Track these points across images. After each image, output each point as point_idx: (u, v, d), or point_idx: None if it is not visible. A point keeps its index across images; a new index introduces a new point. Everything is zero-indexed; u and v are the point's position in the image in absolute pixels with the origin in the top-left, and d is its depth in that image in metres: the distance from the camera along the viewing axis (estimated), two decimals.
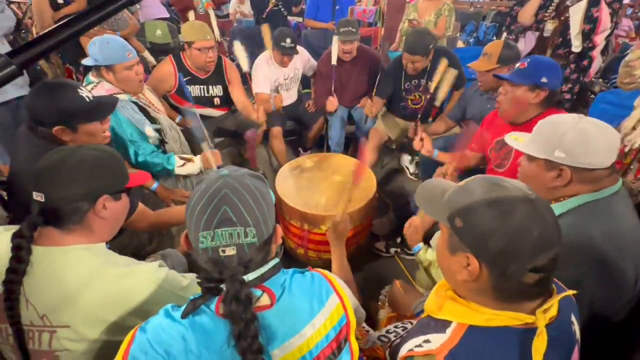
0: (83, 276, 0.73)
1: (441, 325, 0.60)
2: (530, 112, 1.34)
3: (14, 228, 0.77)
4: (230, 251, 0.60)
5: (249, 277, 0.62)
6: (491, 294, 0.57)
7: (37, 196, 0.74)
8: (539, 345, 0.52)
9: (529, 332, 0.54)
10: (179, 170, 1.65)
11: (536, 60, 1.34)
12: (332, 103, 2.35)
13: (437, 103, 1.87)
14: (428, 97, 2.10)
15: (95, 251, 0.78)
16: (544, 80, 1.28)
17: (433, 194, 0.69)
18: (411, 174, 2.68)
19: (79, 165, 0.77)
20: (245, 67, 1.97)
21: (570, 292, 0.60)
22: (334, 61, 2.26)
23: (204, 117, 2.24)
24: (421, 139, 1.67)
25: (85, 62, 1.54)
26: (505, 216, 0.54)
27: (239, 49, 1.94)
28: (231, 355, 0.56)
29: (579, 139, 0.82)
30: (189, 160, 1.67)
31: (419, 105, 2.25)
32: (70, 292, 0.71)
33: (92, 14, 0.52)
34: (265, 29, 2.25)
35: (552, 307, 0.57)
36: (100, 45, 1.48)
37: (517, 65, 1.36)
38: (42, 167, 0.76)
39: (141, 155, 1.57)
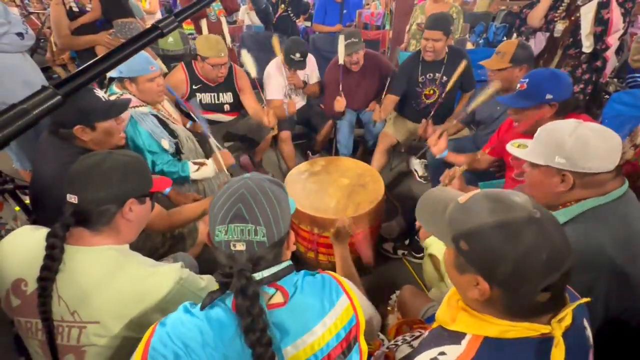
0: (112, 275, 0.76)
1: (455, 337, 0.59)
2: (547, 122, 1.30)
3: (43, 228, 0.82)
4: (240, 246, 0.63)
5: (263, 274, 0.65)
6: (503, 310, 0.57)
7: (71, 198, 0.78)
8: (558, 355, 0.52)
9: (546, 342, 0.54)
10: (194, 176, 1.69)
11: (535, 78, 1.26)
12: (339, 103, 2.34)
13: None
14: (441, 92, 2.13)
15: (122, 251, 0.82)
16: (548, 97, 1.22)
17: (434, 209, 0.67)
18: (420, 177, 2.67)
19: (111, 170, 0.81)
20: (253, 73, 2.00)
21: (584, 300, 0.59)
22: (340, 60, 2.25)
23: (214, 122, 2.29)
24: (439, 137, 1.67)
25: (110, 73, 1.61)
26: (512, 240, 0.53)
27: (246, 56, 1.97)
28: (245, 347, 0.59)
29: (577, 144, 0.82)
30: (202, 164, 1.72)
31: (433, 100, 2.25)
32: (100, 289, 0.75)
33: (127, 46, 0.57)
34: (275, 41, 2.27)
35: (566, 315, 0.56)
36: None
37: (517, 86, 1.30)
38: (76, 170, 0.80)
39: (159, 165, 1.64)
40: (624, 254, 0.79)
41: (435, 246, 1.17)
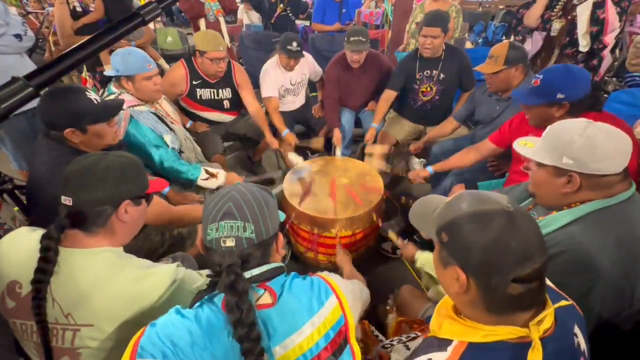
0: (107, 277, 0.76)
1: (444, 344, 0.61)
2: (558, 120, 1.26)
3: (40, 229, 0.81)
4: (230, 242, 0.66)
5: (252, 272, 0.68)
6: (482, 306, 0.59)
7: (66, 200, 0.77)
8: (534, 358, 0.53)
9: (523, 345, 0.55)
10: (201, 183, 1.68)
11: (548, 76, 1.24)
12: (337, 138, 2.34)
13: None
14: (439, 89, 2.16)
15: (118, 253, 0.82)
16: (560, 96, 1.19)
17: (426, 211, 0.74)
18: None
19: (107, 171, 0.80)
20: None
21: (564, 302, 0.59)
22: (338, 154, 2.25)
23: (214, 122, 2.29)
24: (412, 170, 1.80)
25: (108, 72, 1.62)
26: (482, 229, 0.56)
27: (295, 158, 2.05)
28: (234, 346, 0.59)
29: (586, 145, 0.79)
30: (213, 175, 1.71)
31: (430, 98, 2.27)
32: (95, 291, 0.74)
33: (105, 35, 0.55)
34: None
35: (546, 318, 0.57)
36: (122, 56, 1.57)
37: (532, 82, 1.28)
38: (71, 172, 0.79)
39: (167, 160, 1.62)
40: (625, 256, 0.79)
41: (421, 260, 1.25)
